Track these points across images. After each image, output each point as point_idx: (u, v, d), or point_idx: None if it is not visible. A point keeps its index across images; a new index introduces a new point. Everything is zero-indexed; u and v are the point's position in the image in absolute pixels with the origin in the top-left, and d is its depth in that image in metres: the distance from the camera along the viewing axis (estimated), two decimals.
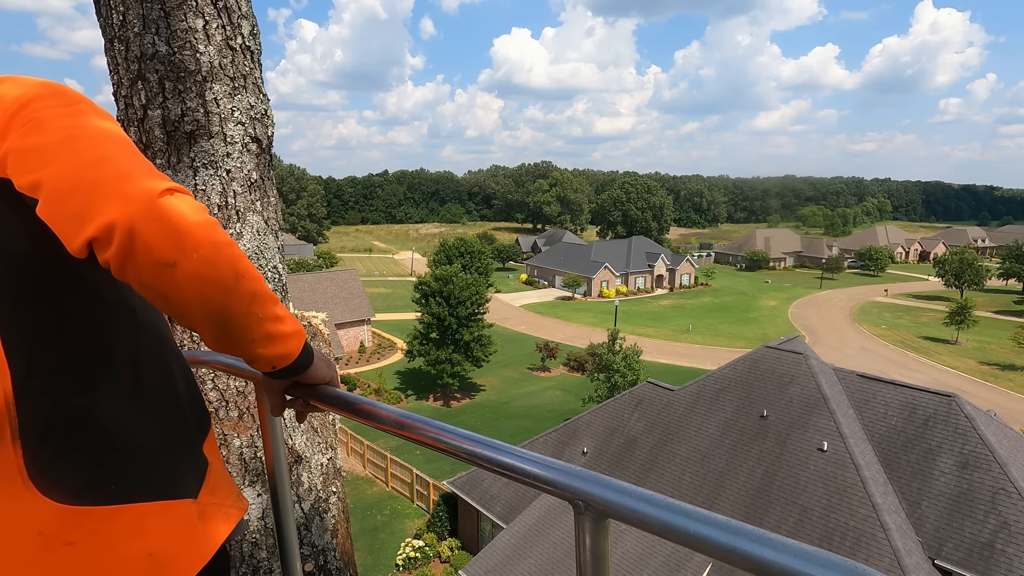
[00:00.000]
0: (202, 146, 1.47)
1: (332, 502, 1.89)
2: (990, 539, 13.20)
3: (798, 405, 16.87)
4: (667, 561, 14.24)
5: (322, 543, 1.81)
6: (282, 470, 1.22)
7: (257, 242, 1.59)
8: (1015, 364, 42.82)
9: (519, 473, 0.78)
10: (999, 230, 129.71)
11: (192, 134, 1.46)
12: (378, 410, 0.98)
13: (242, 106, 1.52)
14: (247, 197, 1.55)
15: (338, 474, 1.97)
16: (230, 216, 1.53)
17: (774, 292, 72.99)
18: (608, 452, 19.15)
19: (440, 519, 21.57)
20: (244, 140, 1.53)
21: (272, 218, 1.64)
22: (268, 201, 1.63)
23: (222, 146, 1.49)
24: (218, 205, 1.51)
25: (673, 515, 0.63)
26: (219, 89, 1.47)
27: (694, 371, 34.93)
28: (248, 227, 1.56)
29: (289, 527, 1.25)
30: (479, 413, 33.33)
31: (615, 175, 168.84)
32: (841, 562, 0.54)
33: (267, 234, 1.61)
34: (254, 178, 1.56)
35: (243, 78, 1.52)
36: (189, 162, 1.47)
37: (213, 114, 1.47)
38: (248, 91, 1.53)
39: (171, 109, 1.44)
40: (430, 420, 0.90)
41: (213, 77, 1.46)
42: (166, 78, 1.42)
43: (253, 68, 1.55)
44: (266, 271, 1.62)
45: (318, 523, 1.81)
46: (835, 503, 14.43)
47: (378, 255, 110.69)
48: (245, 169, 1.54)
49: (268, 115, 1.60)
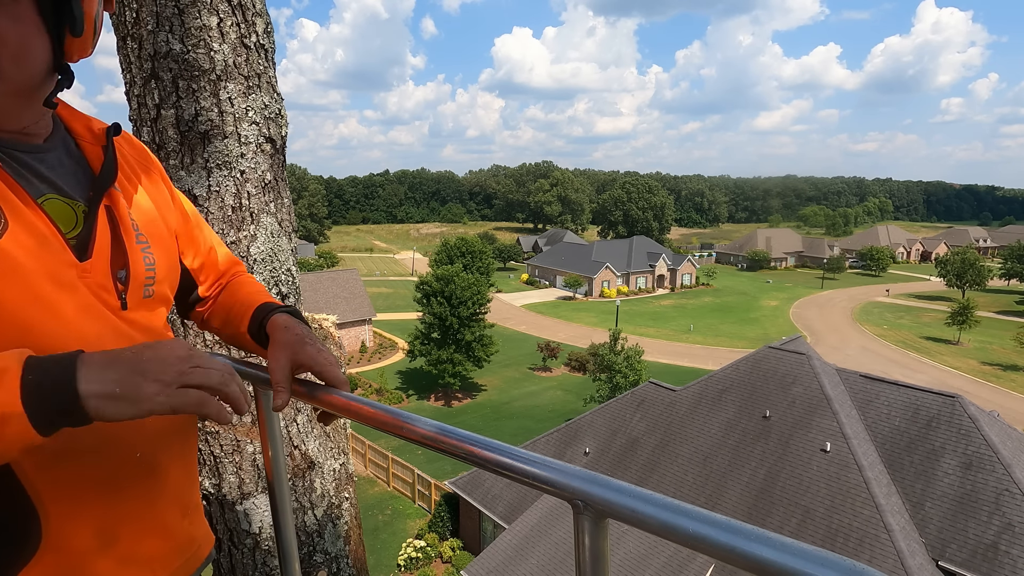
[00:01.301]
0: (216, 146, 1.44)
1: (345, 508, 1.87)
2: (994, 540, 13.16)
3: (801, 405, 16.84)
4: (669, 562, 14.21)
5: (335, 550, 1.78)
6: (281, 475, 1.20)
7: (271, 244, 1.56)
8: (1017, 364, 42.74)
9: (517, 473, 0.77)
10: (1001, 230, 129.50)
11: (206, 134, 1.42)
12: (377, 410, 0.96)
13: (256, 105, 1.49)
14: (261, 199, 1.52)
15: (350, 480, 1.94)
16: (244, 218, 1.50)
17: (775, 292, 72.92)
18: (610, 452, 19.12)
19: (442, 519, 21.55)
20: (258, 140, 1.50)
21: (286, 220, 1.61)
22: (282, 203, 1.60)
23: (236, 146, 1.46)
24: (232, 207, 1.48)
25: (672, 515, 0.63)
26: (233, 88, 1.44)
27: (695, 371, 34.88)
28: (262, 229, 1.53)
29: (288, 532, 1.23)
30: (480, 413, 33.31)
31: (616, 175, 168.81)
32: (841, 561, 0.54)
33: (281, 236, 1.58)
34: (268, 179, 1.53)
35: (257, 77, 1.49)
36: (203, 163, 1.44)
37: (227, 114, 1.44)
38: (262, 90, 1.50)
39: (185, 108, 1.41)
40: (429, 420, 0.89)
41: (227, 76, 1.43)
42: (180, 77, 1.39)
43: (267, 67, 1.52)
44: (280, 274, 1.59)
45: (331, 530, 1.78)
46: (838, 504, 14.39)
47: (379, 255, 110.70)
48: (259, 170, 1.51)
49: (282, 115, 1.57)
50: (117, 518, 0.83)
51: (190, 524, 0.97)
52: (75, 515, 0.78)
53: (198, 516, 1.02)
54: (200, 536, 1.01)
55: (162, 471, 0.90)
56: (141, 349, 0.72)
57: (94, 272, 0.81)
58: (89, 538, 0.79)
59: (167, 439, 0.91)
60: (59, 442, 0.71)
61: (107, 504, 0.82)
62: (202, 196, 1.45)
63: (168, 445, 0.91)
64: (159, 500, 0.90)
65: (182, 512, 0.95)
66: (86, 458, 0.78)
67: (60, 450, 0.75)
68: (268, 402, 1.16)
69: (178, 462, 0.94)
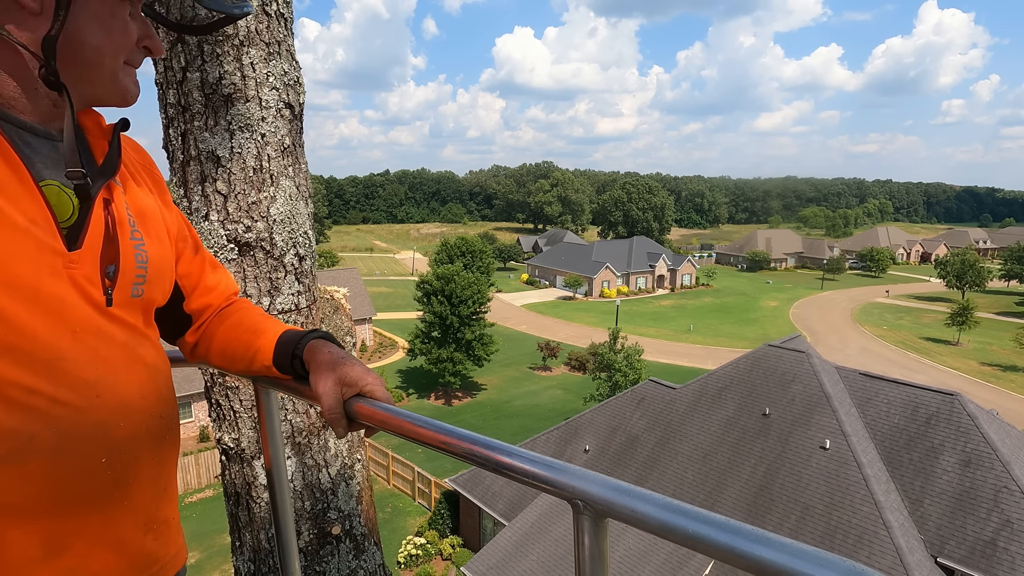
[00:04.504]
0: (239, 109, 1.49)
1: (357, 469, 1.92)
2: (992, 537, 13.21)
3: (800, 403, 16.89)
4: (668, 559, 14.25)
5: (348, 508, 1.84)
6: (282, 474, 1.20)
7: (290, 207, 1.61)
8: (1016, 365, 42.80)
9: (517, 472, 0.77)
10: (1001, 231, 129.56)
11: (229, 97, 1.48)
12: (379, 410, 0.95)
13: (276, 71, 1.54)
14: (280, 162, 1.58)
15: (362, 443, 2.00)
16: (264, 179, 1.56)
17: (775, 293, 72.97)
18: (610, 450, 19.17)
19: (442, 516, 21.59)
20: (278, 105, 1.56)
21: (303, 184, 1.67)
22: (299, 167, 1.65)
23: (257, 110, 1.52)
24: (253, 168, 1.53)
25: (672, 515, 0.63)
26: (255, 54, 1.50)
27: (695, 371, 34.91)
28: (281, 191, 1.59)
29: (289, 530, 1.23)
30: (480, 412, 33.36)
31: (616, 175, 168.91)
32: (840, 562, 0.53)
33: (299, 200, 1.64)
34: (287, 143, 1.59)
35: (277, 44, 1.55)
36: (226, 124, 1.49)
37: (249, 78, 1.49)
38: (282, 57, 1.56)
39: (209, 72, 1.47)
40: (428, 419, 0.88)
41: (250, 42, 1.49)
42: (205, 41, 1.45)
43: (287, 35, 1.58)
44: (297, 236, 1.65)
45: (344, 488, 1.84)
46: (837, 501, 14.44)
47: (379, 255, 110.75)
48: (279, 134, 1.57)
49: (300, 82, 1.63)
50: (70, 528, 0.76)
51: (154, 541, 0.89)
52: (24, 521, 0.72)
53: (166, 533, 0.93)
54: (166, 556, 0.92)
55: (127, 481, 0.83)
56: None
57: (81, 263, 0.78)
58: (35, 547, 0.73)
59: (137, 447, 0.85)
60: (17, 440, 0.70)
61: (61, 512, 0.75)
62: (225, 157, 1.51)
63: (137, 454, 0.85)
64: (118, 512, 0.83)
65: (145, 528, 0.87)
66: (44, 459, 0.73)
67: (17, 448, 0.70)
68: (268, 400, 1.16)
69: (148, 472, 0.88)
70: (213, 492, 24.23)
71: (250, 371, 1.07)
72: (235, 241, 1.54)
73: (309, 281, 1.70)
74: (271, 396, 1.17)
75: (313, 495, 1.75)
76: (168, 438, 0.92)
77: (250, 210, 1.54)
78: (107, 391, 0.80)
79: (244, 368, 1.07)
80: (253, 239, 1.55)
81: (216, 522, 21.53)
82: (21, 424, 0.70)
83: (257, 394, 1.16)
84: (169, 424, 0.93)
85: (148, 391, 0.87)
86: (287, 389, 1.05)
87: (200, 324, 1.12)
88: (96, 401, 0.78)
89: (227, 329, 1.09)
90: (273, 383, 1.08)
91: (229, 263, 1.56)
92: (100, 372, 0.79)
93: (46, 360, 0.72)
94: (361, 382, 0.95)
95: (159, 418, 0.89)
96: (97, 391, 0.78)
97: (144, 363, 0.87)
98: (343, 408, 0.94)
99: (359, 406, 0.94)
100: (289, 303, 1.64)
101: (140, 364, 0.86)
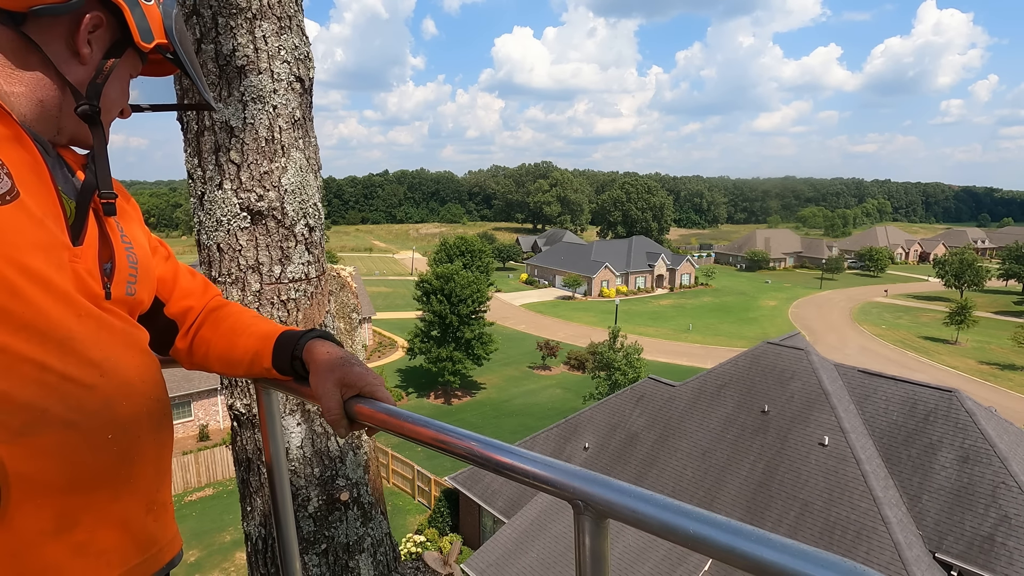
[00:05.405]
0: (251, 81, 1.54)
1: (364, 439, 1.96)
2: (990, 533, 13.26)
3: (799, 400, 16.94)
4: (667, 556, 14.30)
5: (356, 476, 1.88)
6: (282, 473, 1.21)
7: (300, 178, 1.66)
8: (1015, 364, 42.91)
9: (517, 472, 0.77)
10: (999, 231, 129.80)
11: (242, 69, 1.52)
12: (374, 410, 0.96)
13: (288, 45, 1.59)
14: (291, 134, 1.62)
15: None
16: (276, 150, 1.60)
17: (774, 292, 73.07)
18: (609, 447, 19.21)
19: (441, 514, 21.63)
20: (289, 79, 1.60)
21: (312, 158, 1.71)
22: (309, 140, 1.70)
23: (269, 82, 1.56)
24: (265, 139, 1.58)
25: (673, 515, 0.63)
26: (267, 27, 1.54)
27: (694, 370, 34.96)
28: (292, 162, 1.63)
29: (289, 530, 1.23)
30: (480, 411, 33.40)
31: (615, 175, 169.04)
32: (840, 562, 0.54)
33: (308, 172, 1.68)
34: (297, 116, 1.63)
35: (289, 19, 1.59)
36: (239, 96, 1.54)
37: (262, 51, 1.54)
38: (293, 32, 1.60)
39: (223, 44, 1.51)
40: (428, 419, 0.89)
41: (262, 15, 1.53)
42: (219, 14, 1.49)
43: (297, 11, 1.63)
44: (307, 207, 1.69)
45: (352, 457, 1.88)
46: (836, 497, 14.48)
47: (378, 254, 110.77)
48: (290, 107, 1.61)
49: (310, 57, 1.67)
50: (79, 504, 0.80)
51: (154, 522, 0.93)
52: (37, 494, 0.75)
53: (165, 517, 0.96)
54: (164, 539, 0.95)
55: (132, 460, 0.87)
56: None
57: (84, 258, 0.85)
58: (47, 520, 0.76)
59: (139, 428, 0.89)
60: (30, 413, 0.74)
61: (72, 487, 0.79)
62: (238, 128, 1.55)
63: (139, 434, 0.89)
64: (124, 490, 0.86)
65: (147, 508, 0.91)
66: (56, 432, 0.77)
67: (30, 421, 0.74)
68: (269, 399, 1.17)
69: (150, 454, 0.92)
70: (213, 491, 24.26)
71: (250, 374, 1.09)
72: (248, 209, 1.58)
73: (319, 252, 1.74)
74: (272, 396, 1.18)
75: (322, 462, 1.79)
76: (165, 423, 0.97)
77: (262, 179, 1.58)
78: (111, 371, 0.85)
79: (244, 371, 1.10)
80: (265, 208, 1.59)
81: (216, 521, 21.55)
82: (35, 398, 0.75)
83: (258, 394, 1.17)
84: (165, 410, 0.97)
85: (147, 376, 0.92)
86: (288, 390, 1.06)
87: (187, 329, 1.15)
88: (101, 380, 0.83)
89: (223, 334, 1.12)
90: (274, 384, 1.09)
91: (242, 231, 1.60)
92: (104, 353, 0.84)
93: (57, 339, 0.78)
94: (361, 382, 0.97)
95: (157, 402, 0.94)
96: (101, 370, 0.83)
97: (141, 350, 0.93)
98: (343, 409, 0.96)
99: (359, 407, 0.95)
100: (299, 272, 1.68)
101: (138, 350, 0.92)
